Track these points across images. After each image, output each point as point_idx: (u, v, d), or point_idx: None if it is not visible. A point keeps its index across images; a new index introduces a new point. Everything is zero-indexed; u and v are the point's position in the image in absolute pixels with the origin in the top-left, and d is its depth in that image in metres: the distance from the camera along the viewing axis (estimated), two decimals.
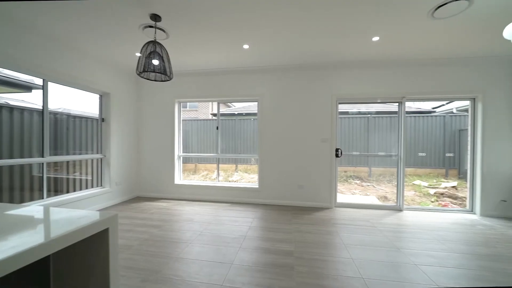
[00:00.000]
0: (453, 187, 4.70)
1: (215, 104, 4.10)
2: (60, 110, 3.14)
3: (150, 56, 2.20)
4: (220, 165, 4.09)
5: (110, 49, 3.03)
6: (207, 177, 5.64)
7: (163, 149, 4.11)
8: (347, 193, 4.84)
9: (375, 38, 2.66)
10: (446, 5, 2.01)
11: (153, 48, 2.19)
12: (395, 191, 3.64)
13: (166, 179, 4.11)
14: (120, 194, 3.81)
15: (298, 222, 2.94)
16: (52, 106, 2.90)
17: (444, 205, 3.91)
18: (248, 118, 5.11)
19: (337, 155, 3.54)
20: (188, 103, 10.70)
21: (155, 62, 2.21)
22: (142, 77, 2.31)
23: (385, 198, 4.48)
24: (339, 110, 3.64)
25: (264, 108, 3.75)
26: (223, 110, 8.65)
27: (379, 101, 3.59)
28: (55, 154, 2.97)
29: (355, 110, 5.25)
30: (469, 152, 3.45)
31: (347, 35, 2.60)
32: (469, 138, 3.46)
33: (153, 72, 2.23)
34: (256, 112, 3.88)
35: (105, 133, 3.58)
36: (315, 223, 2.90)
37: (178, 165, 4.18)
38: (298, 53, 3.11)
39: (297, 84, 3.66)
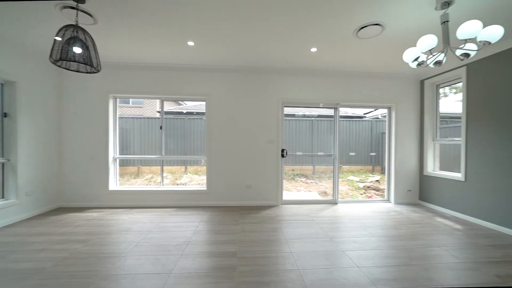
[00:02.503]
0: (377, 181, 5.59)
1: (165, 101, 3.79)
2: None
3: (70, 42, 1.87)
4: (168, 167, 3.80)
5: (16, 28, 2.45)
6: (152, 180, 5.18)
7: (94, 150, 3.57)
8: (293, 190, 5.19)
9: (313, 49, 2.93)
10: (365, 27, 2.36)
11: (74, 34, 1.87)
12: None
13: (98, 185, 3.58)
14: (33, 206, 3.13)
15: (244, 222, 2.98)
16: None
17: (369, 197, 4.61)
18: (200, 118, 4.93)
19: (282, 155, 3.75)
20: (131, 99, 9.62)
21: (77, 50, 1.89)
22: (58, 66, 1.95)
23: (325, 193, 4.99)
24: (286, 113, 3.86)
25: (212, 108, 3.68)
26: (173, 108, 8.11)
27: (321, 105, 3.96)
28: None
29: (300, 113, 5.67)
30: (386, 151, 4.16)
31: (289, 43, 2.78)
32: (386, 140, 4.17)
33: (75, 61, 1.90)
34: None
35: (9, 132, 2.88)
36: (261, 222, 3.00)
37: (114, 169, 3.69)
38: (246, 56, 3.17)
39: (245, 86, 3.72)
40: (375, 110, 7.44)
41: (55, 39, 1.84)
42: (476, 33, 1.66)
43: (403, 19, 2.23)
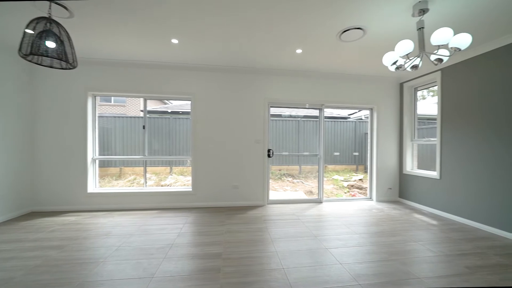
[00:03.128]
0: (360, 179, 5.78)
1: (148, 100, 3.66)
2: None
3: (42, 36, 1.76)
4: (152, 168, 3.68)
5: None
6: (135, 182, 5.00)
7: (71, 151, 3.38)
8: (280, 190, 5.24)
9: (299, 51, 2.97)
10: (348, 31, 2.43)
11: (47, 27, 1.76)
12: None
13: (75, 188, 3.40)
14: (2, 211, 2.91)
15: (231, 222, 2.96)
16: None
17: (353, 195, 4.75)
18: (186, 117, 4.83)
19: (269, 155, 3.77)
20: (113, 97, 9.23)
21: (50, 44, 1.78)
22: (29, 61, 1.82)
23: (311, 192, 5.08)
24: (272, 113, 3.88)
25: (197, 108, 3.62)
26: (157, 107, 7.89)
27: (307, 106, 4.02)
28: None
29: (287, 113, 5.74)
30: (368, 151, 4.31)
31: (276, 44, 2.79)
32: (368, 140, 4.32)
33: (47, 56, 1.79)
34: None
35: None
36: (248, 222, 2.99)
37: (93, 170, 3.53)
38: (232, 55, 3.15)
39: (232, 86, 3.69)
40: (359, 111, 7.69)
41: (25, 32, 1.72)
42: (448, 40, 1.77)
43: (383, 25, 2.32)
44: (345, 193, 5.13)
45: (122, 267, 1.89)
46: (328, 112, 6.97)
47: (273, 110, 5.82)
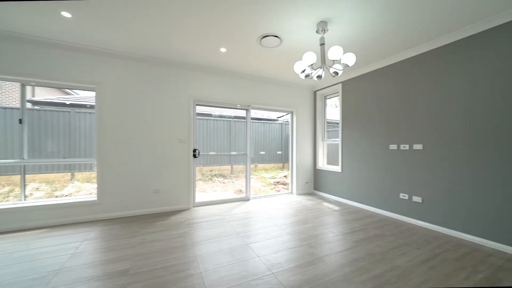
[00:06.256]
0: (285, 176, 6.35)
1: (38, 88, 2.77)
2: None
3: None
4: (44, 175, 2.82)
5: None
6: (12, 195, 3.73)
7: None
8: (210, 191, 5.11)
9: (223, 49, 2.96)
10: (267, 37, 2.60)
11: None
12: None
13: None
14: None
15: (146, 231, 2.63)
16: None
17: (277, 191, 5.16)
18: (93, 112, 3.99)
19: (194, 156, 3.60)
20: None
21: None
22: None
23: (240, 191, 5.19)
24: (202, 112, 3.72)
25: (105, 101, 3.05)
26: (54, 97, 6.21)
27: (238, 106, 4.06)
28: None
29: (217, 113, 5.67)
30: (290, 150, 4.79)
31: (198, 39, 2.68)
32: (290, 140, 4.80)
33: None
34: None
35: None
36: (168, 229, 2.74)
37: None
38: (150, 45, 2.82)
39: (151, 79, 3.31)
40: (286, 114, 8.49)
41: None
42: (340, 56, 2.15)
43: (295, 36, 2.61)
44: (271, 189, 5.52)
45: None
46: (259, 114, 7.36)
47: (204, 109, 5.65)
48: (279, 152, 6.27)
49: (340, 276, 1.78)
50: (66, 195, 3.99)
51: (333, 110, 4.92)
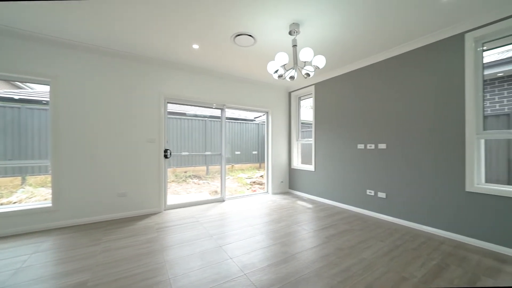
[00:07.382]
0: (261, 176, 6.39)
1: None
2: None
3: None
4: None
5: None
6: None
7: None
8: (183, 193, 4.92)
9: (195, 46, 2.87)
10: (240, 35, 2.58)
11: None
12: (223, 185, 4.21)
13: None
14: None
15: (110, 239, 2.43)
16: None
17: (253, 191, 5.16)
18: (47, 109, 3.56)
19: (166, 156, 3.43)
20: None
21: None
22: None
23: (216, 192, 5.08)
24: (176, 111, 3.55)
25: (61, 96, 2.75)
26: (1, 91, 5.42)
27: (214, 106, 3.96)
28: None
29: (192, 112, 5.49)
30: (265, 149, 4.82)
31: (169, 33, 2.56)
32: (265, 140, 4.83)
33: None
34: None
35: None
36: (135, 234, 2.56)
37: None
38: (115, 36, 2.61)
39: (116, 73, 3.08)
40: (263, 115, 8.56)
41: None
42: (311, 58, 2.21)
43: (269, 36, 2.62)
44: (248, 189, 5.51)
45: None
46: (236, 114, 7.29)
47: (178, 108, 5.41)
48: (254, 152, 6.29)
49: (311, 272, 1.82)
50: (15, 202, 3.52)
51: (309, 111, 5.07)
